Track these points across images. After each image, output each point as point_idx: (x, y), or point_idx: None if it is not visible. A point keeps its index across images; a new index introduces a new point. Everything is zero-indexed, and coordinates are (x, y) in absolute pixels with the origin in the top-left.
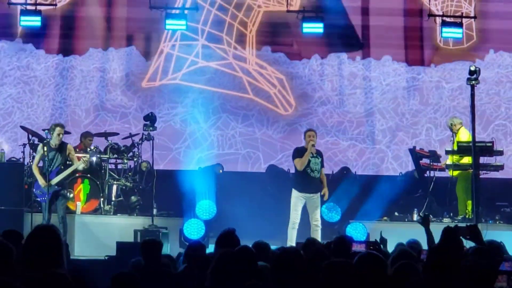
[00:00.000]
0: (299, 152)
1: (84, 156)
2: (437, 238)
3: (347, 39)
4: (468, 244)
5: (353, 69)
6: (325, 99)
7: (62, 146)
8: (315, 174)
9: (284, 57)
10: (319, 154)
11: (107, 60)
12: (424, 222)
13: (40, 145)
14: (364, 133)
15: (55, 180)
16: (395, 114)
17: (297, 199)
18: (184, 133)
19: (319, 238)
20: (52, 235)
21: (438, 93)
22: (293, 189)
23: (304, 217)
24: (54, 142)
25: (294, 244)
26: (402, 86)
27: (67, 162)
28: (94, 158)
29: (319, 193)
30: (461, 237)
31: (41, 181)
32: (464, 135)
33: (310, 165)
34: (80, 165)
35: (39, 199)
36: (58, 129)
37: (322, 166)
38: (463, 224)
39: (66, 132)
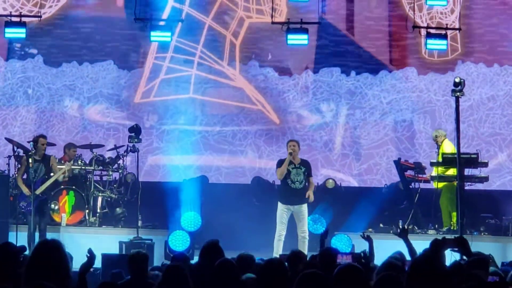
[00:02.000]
0: (280, 163)
1: (65, 166)
2: (420, 249)
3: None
4: (453, 256)
5: (346, 83)
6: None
7: (45, 157)
8: (296, 186)
9: (272, 72)
10: (302, 164)
11: (90, 73)
12: (402, 233)
13: (24, 157)
14: (351, 146)
15: (40, 190)
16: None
17: (281, 211)
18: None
19: (305, 250)
20: (57, 249)
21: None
22: (278, 202)
23: (291, 229)
24: (37, 153)
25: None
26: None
27: (51, 174)
28: (75, 166)
29: (304, 204)
30: (449, 249)
31: (25, 190)
32: (448, 147)
33: (290, 176)
34: (60, 176)
35: (24, 211)
36: (40, 140)
37: (310, 175)
38: (450, 236)
39: (51, 144)
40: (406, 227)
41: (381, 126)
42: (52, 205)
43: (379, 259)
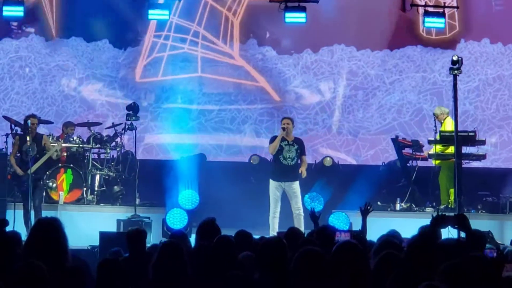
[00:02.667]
0: (273, 139)
1: (56, 144)
2: (417, 227)
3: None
4: (450, 233)
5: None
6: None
7: (37, 137)
8: (288, 162)
9: (271, 50)
10: (296, 142)
11: (90, 50)
12: (364, 212)
13: (17, 137)
14: (349, 124)
15: (32, 169)
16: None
17: (273, 188)
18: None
19: (302, 227)
20: (56, 228)
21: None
22: (270, 179)
23: (286, 206)
24: (29, 132)
25: (275, 234)
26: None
27: (44, 152)
28: (73, 144)
29: (296, 181)
30: (448, 226)
31: (18, 170)
32: (449, 125)
33: (283, 153)
34: (54, 154)
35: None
36: (31, 119)
37: (303, 154)
38: (448, 214)
39: (48, 122)
40: (369, 207)
41: (386, 108)
42: (50, 183)
43: (376, 237)
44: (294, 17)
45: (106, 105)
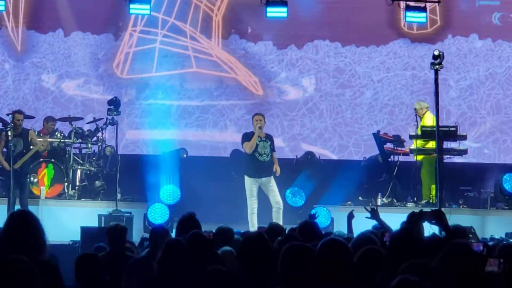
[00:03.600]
0: (247, 136)
1: (42, 139)
2: (399, 222)
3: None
4: (432, 229)
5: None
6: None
7: (23, 132)
8: (263, 158)
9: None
10: (268, 138)
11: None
12: (374, 215)
13: (3, 133)
14: (314, 106)
15: (18, 164)
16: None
17: (250, 184)
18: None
19: (280, 221)
20: (30, 220)
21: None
22: (245, 175)
23: (264, 201)
24: (15, 128)
25: (255, 229)
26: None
27: (31, 147)
28: (54, 139)
29: (271, 176)
30: (426, 222)
31: (4, 165)
32: (429, 120)
33: (257, 149)
34: (41, 148)
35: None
36: (16, 115)
37: (273, 150)
38: (428, 209)
39: (29, 116)
40: (375, 208)
41: (376, 109)
42: (31, 178)
43: (358, 232)
44: (276, 12)
45: (86, 101)
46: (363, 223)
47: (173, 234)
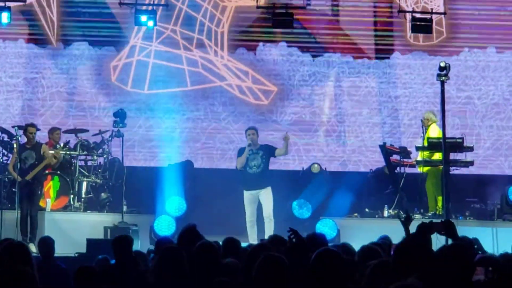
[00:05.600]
0: (240, 152)
1: (54, 152)
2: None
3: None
4: (439, 240)
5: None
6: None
7: (36, 146)
8: (253, 170)
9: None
10: (261, 149)
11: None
12: (405, 222)
13: (15, 145)
14: (332, 128)
15: (29, 176)
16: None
17: (245, 197)
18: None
19: (271, 233)
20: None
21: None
22: (243, 190)
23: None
24: (28, 141)
25: (255, 241)
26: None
27: (43, 161)
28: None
29: (264, 188)
30: (435, 233)
31: (15, 177)
32: (434, 131)
33: (248, 161)
34: (53, 160)
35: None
36: (29, 128)
37: (272, 152)
38: (436, 221)
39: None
40: (411, 216)
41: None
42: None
43: (363, 243)
44: (282, 24)
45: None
46: (367, 234)
47: None
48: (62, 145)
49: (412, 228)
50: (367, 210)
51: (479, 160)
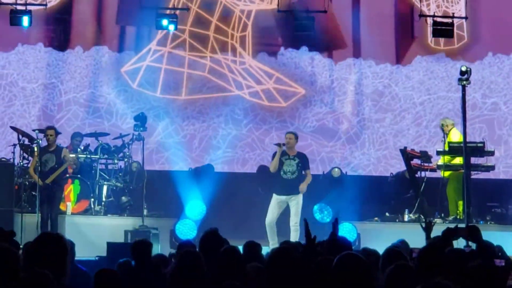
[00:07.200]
0: (274, 155)
1: (74, 156)
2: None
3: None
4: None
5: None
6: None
7: (58, 149)
8: (288, 176)
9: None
10: (298, 156)
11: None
12: (427, 229)
13: (36, 148)
14: (355, 135)
15: (49, 179)
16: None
17: (273, 201)
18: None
19: (295, 240)
20: (59, 245)
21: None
22: (273, 193)
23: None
24: (48, 144)
25: (274, 242)
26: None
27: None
28: (81, 155)
29: (296, 195)
30: (461, 237)
31: (36, 179)
32: (455, 136)
33: (283, 167)
34: (72, 165)
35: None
36: (47, 131)
37: (305, 168)
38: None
39: (57, 133)
40: (432, 223)
41: (424, 139)
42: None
43: (383, 248)
44: (303, 27)
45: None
46: (388, 238)
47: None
48: (82, 148)
49: (434, 234)
50: (387, 214)
51: (501, 166)
